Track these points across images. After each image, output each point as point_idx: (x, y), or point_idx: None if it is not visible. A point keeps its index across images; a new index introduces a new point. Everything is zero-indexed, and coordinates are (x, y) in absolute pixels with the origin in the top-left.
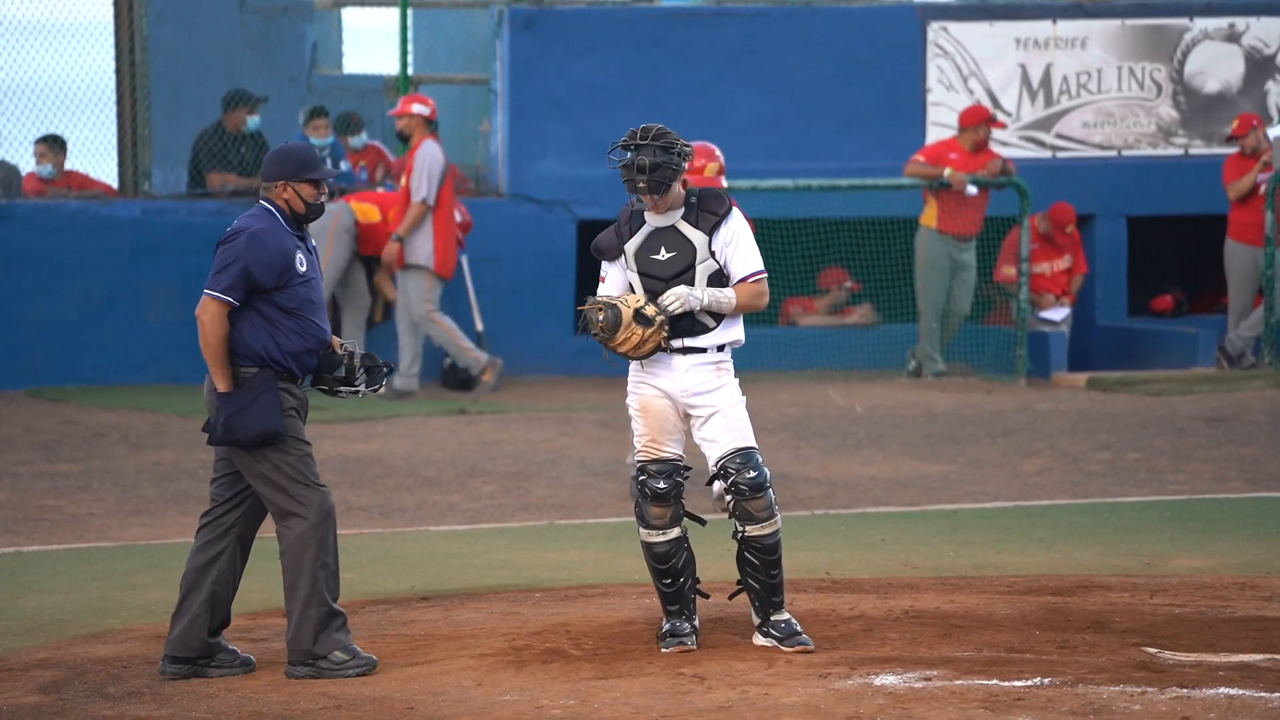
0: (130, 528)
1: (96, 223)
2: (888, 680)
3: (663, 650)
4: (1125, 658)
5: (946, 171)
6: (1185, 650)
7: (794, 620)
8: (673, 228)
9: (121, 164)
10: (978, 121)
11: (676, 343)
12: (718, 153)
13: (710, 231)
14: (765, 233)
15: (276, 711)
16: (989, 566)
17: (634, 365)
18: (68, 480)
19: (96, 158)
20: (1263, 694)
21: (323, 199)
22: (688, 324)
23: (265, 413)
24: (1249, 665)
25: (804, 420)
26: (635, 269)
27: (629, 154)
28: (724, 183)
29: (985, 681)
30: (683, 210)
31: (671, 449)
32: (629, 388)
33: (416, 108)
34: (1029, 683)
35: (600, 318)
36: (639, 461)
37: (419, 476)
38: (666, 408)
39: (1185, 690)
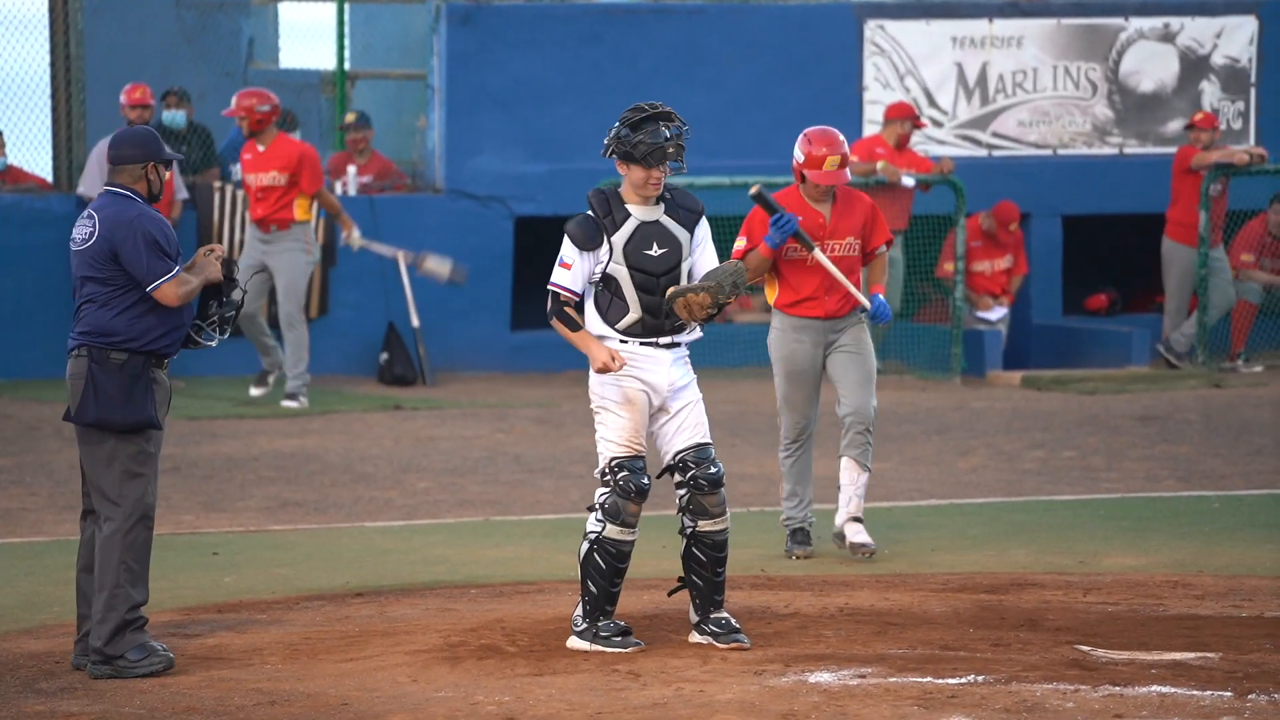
0: (64, 523)
1: (30, 217)
2: (823, 678)
3: (618, 650)
4: (1058, 655)
5: (880, 165)
6: (1118, 648)
7: (732, 618)
8: (658, 223)
9: (56, 158)
10: (902, 116)
11: (665, 339)
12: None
13: (691, 229)
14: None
15: (210, 707)
16: (924, 564)
17: (605, 361)
18: (0, 474)
19: (30, 151)
20: (1194, 692)
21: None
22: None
23: (142, 400)
24: (1181, 663)
25: (739, 417)
26: (624, 263)
27: (659, 124)
28: (848, 176)
29: (919, 679)
30: (664, 206)
31: (643, 445)
32: (604, 381)
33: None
34: (963, 680)
35: (727, 289)
36: (618, 458)
37: (355, 472)
38: (645, 402)
39: (1118, 688)
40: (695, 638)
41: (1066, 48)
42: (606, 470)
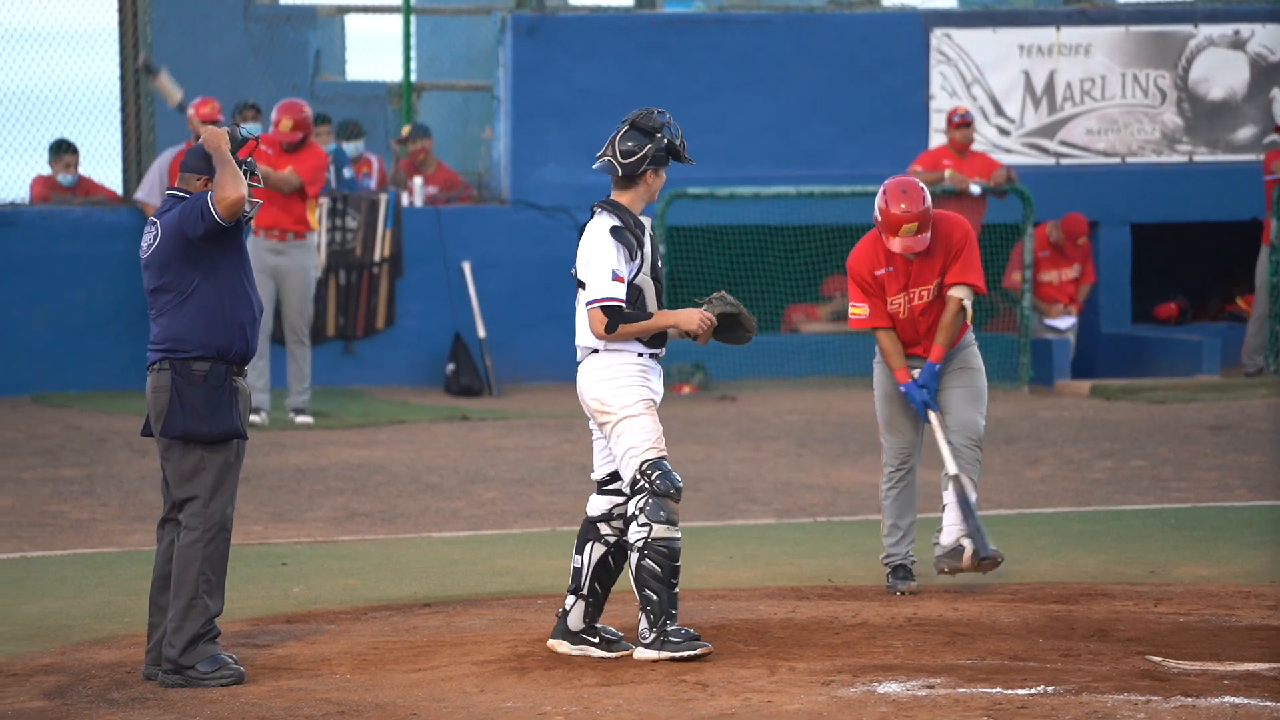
0: (134, 533)
1: (101, 229)
2: (891, 688)
3: (688, 655)
4: (1129, 666)
5: (947, 173)
6: (1190, 659)
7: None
8: (652, 234)
9: (126, 171)
10: (953, 114)
11: (659, 349)
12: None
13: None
14: (768, 239)
15: (279, 717)
16: (992, 574)
17: (628, 365)
18: (71, 486)
19: (101, 164)
20: (1268, 703)
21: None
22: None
23: (227, 410)
24: (1254, 674)
25: (806, 427)
26: (648, 273)
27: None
28: (926, 241)
29: (989, 690)
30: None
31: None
32: (625, 385)
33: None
34: (1033, 691)
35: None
36: (654, 459)
37: (422, 483)
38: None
39: (1190, 699)
40: (649, 654)
41: (1135, 55)
42: (638, 475)
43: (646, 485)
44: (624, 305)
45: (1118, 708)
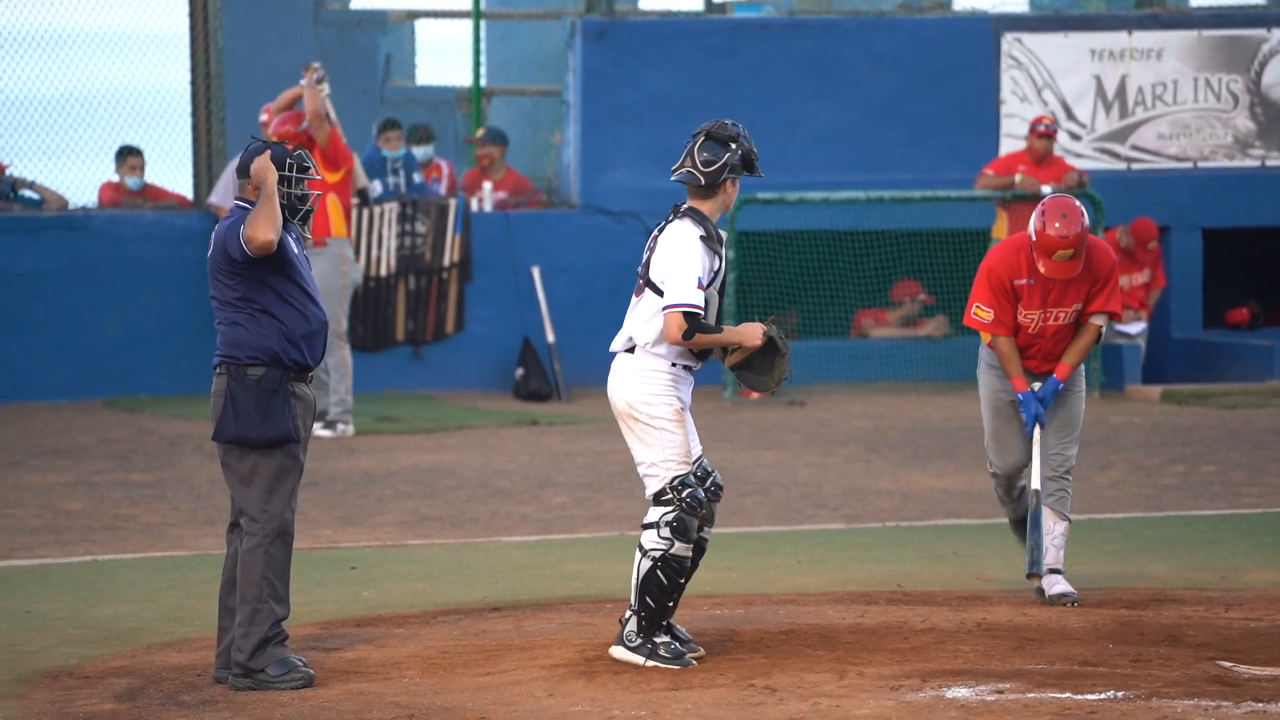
0: (205, 537)
1: (171, 234)
2: (960, 693)
3: (683, 665)
4: (1200, 671)
5: (1018, 177)
6: (1261, 664)
7: (677, 644)
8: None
9: (196, 175)
10: (1037, 123)
11: (697, 364)
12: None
13: None
14: (838, 244)
15: None
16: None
17: (661, 373)
18: (143, 489)
19: (171, 169)
20: None
21: (296, 195)
22: None
23: (280, 415)
24: None
25: (876, 433)
26: (717, 286)
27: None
28: (1079, 268)
29: (1058, 695)
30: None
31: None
32: (657, 393)
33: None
34: (1102, 696)
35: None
36: (680, 475)
37: (491, 487)
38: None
39: (1261, 705)
40: (627, 656)
41: (1207, 59)
42: (668, 489)
43: (676, 502)
44: (703, 313)
45: (1188, 713)
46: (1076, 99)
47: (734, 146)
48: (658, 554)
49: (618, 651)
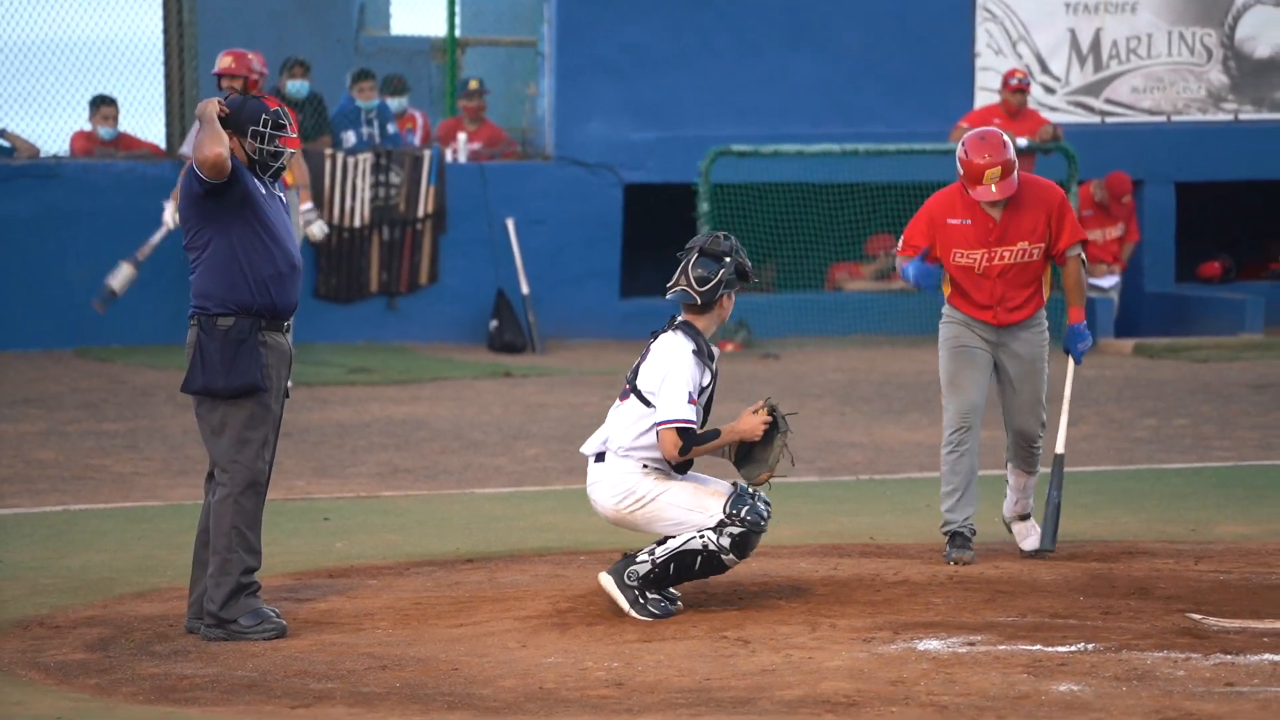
0: (177, 487)
1: (144, 183)
2: (931, 645)
3: (663, 616)
4: (1169, 624)
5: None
6: (1230, 617)
7: (668, 604)
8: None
9: (169, 124)
10: (1010, 76)
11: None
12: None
13: None
14: (812, 197)
15: (321, 671)
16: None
17: (634, 474)
18: (114, 439)
19: (144, 119)
20: None
21: (268, 152)
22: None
23: (247, 365)
24: None
25: (849, 386)
26: (705, 400)
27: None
28: (1014, 186)
29: (1029, 647)
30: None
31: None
32: (636, 483)
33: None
34: (1073, 648)
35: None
36: (722, 519)
37: (464, 439)
38: None
39: (1229, 656)
40: (616, 593)
41: (1182, 13)
42: (726, 521)
43: (739, 528)
44: (696, 428)
45: (1157, 665)
46: (1051, 52)
47: (728, 261)
48: (713, 548)
49: (607, 582)
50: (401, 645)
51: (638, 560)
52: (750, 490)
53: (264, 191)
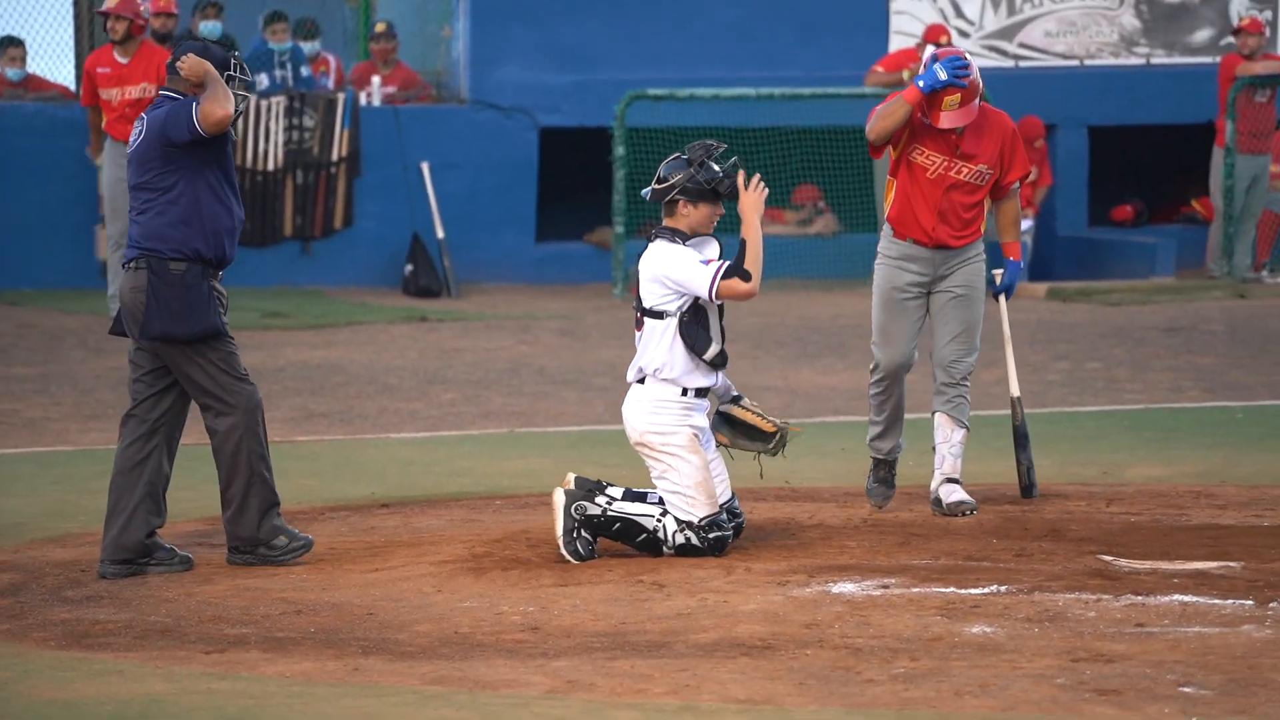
0: (88, 432)
1: (54, 125)
2: (846, 588)
3: (585, 559)
4: (1081, 565)
5: (906, 74)
6: (1140, 558)
7: (579, 551)
8: None
9: (79, 67)
10: (932, 40)
11: (707, 385)
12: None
13: None
14: (728, 141)
15: (236, 616)
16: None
17: (672, 402)
18: (25, 384)
19: (53, 61)
20: (1216, 600)
21: (237, 96)
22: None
23: (205, 310)
24: (1203, 573)
25: (764, 330)
26: (717, 308)
27: (713, 161)
28: (975, 111)
29: (943, 589)
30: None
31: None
32: (669, 422)
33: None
34: (986, 590)
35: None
36: (712, 518)
37: (380, 384)
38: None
39: (1140, 597)
40: (565, 513)
41: None
42: (700, 526)
43: (701, 540)
44: (728, 263)
45: (1069, 606)
46: None
47: (690, 169)
48: (660, 536)
49: (558, 499)
50: (316, 590)
51: (596, 500)
52: (732, 517)
53: (232, 143)
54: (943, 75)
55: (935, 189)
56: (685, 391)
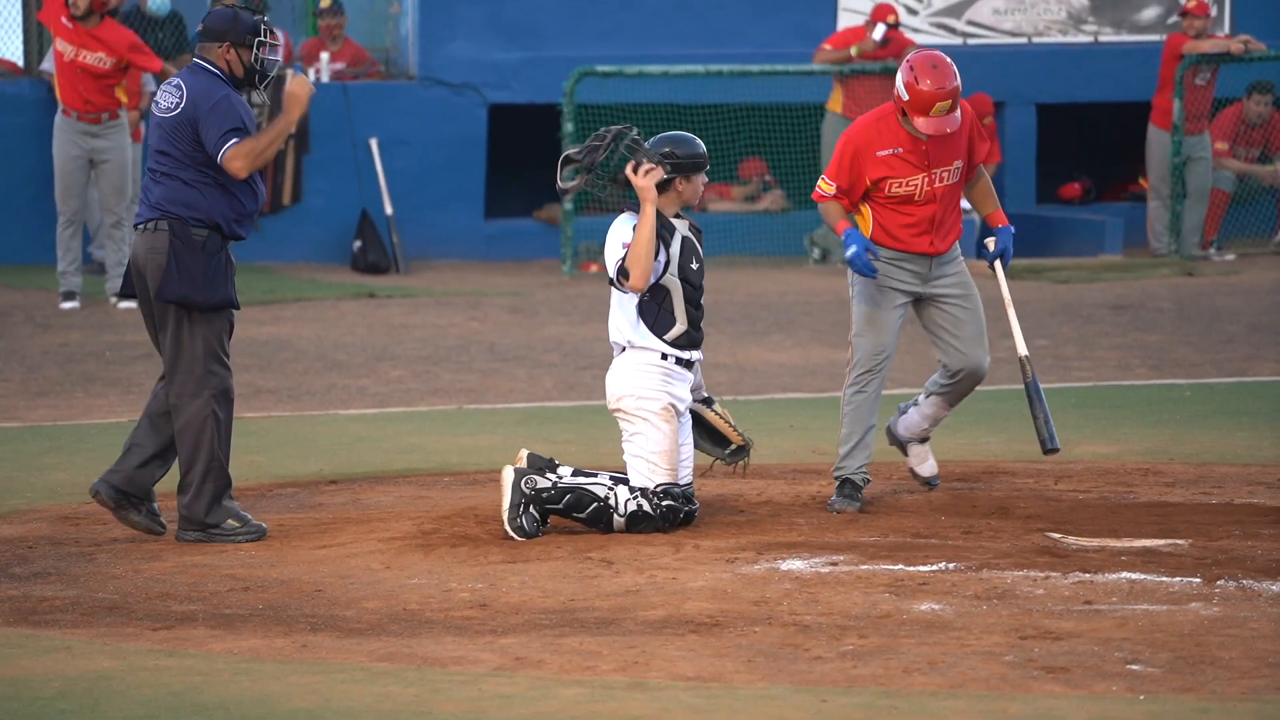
0: (36, 409)
1: (2, 101)
2: (794, 565)
3: (530, 536)
4: (1029, 543)
5: (854, 50)
6: (1088, 536)
7: (524, 530)
8: (689, 238)
9: (27, 42)
10: (880, 18)
11: (695, 355)
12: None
13: (702, 246)
14: (677, 118)
15: (183, 593)
16: (896, 452)
17: (652, 368)
18: None
19: (1, 36)
20: (1163, 578)
21: (267, 61)
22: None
23: (222, 280)
24: (1150, 550)
25: (712, 307)
26: (677, 274)
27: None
28: (958, 119)
29: (891, 566)
30: (686, 221)
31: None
32: (647, 388)
33: None
34: (934, 568)
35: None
36: (668, 485)
37: (328, 360)
38: (676, 418)
39: (1088, 575)
40: (516, 487)
41: None
42: (654, 495)
43: (654, 507)
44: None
45: (1017, 583)
46: None
47: (615, 144)
48: (611, 504)
49: (507, 475)
50: (264, 567)
51: (545, 475)
52: (687, 501)
53: (252, 130)
54: (857, 264)
55: (926, 209)
56: (665, 357)
